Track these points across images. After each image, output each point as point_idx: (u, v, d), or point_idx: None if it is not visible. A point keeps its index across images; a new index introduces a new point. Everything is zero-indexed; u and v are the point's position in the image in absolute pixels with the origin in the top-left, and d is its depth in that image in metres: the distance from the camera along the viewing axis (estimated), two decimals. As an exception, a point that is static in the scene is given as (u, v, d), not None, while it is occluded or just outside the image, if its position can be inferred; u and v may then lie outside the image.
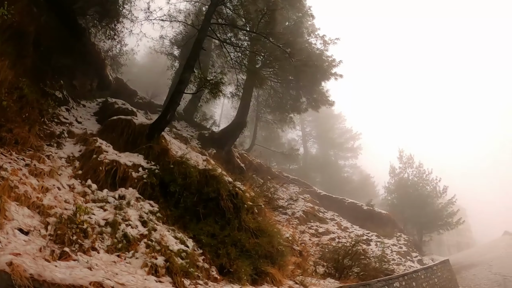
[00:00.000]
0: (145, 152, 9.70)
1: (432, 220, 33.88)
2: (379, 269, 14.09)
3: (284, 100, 24.23)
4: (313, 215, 20.33)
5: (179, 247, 7.19)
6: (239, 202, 9.16)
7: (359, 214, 25.90)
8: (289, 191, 22.25)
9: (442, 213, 34.17)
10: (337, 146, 48.14)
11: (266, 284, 7.70)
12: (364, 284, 9.84)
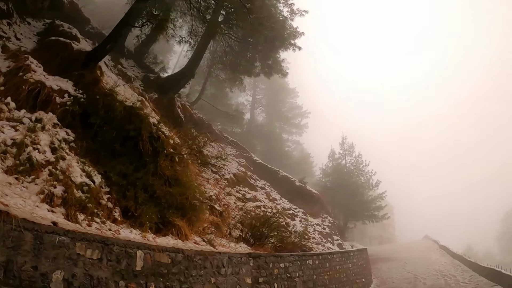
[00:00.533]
0: (76, 79, 9.15)
1: (360, 209, 35.82)
2: (297, 245, 14.49)
3: (238, 60, 23.86)
4: (244, 180, 20.36)
5: (83, 180, 6.83)
6: (160, 147, 8.85)
7: (290, 188, 26.38)
8: (225, 151, 22.10)
9: (371, 205, 36.21)
10: (284, 120, 48.78)
11: (171, 236, 7.58)
12: (276, 255, 10.05)
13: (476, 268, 20.20)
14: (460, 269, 22.32)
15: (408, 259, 29.90)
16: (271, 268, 9.48)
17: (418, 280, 19.95)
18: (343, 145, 38.78)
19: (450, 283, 17.56)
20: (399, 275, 22.47)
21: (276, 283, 9.52)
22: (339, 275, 14.40)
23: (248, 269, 8.58)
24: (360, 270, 17.92)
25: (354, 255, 17.66)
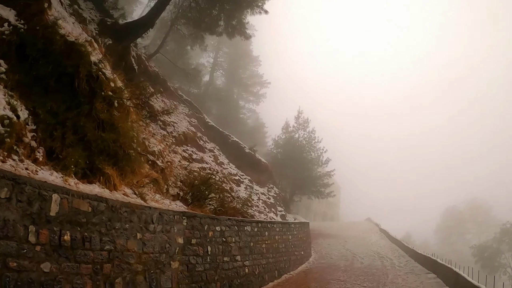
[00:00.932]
0: (20, 9, 8.25)
1: (307, 184, 36.83)
2: (239, 210, 14.37)
3: (202, 17, 23.19)
4: (193, 140, 20.02)
5: (6, 113, 6.22)
6: (98, 87, 8.27)
7: (240, 155, 26.28)
8: (178, 109, 21.61)
9: (318, 181, 37.20)
10: (243, 87, 48.83)
11: (98, 184, 7.13)
12: (212, 218, 9.85)
13: (412, 255, 21.24)
14: (397, 253, 23.35)
15: (348, 238, 31.10)
16: (206, 230, 9.29)
17: (356, 259, 20.66)
18: (298, 119, 39.31)
19: (386, 265, 18.28)
20: (338, 252, 23.27)
21: (210, 246, 9.36)
22: (277, 245, 14.53)
23: (180, 228, 8.34)
24: (300, 243, 18.24)
25: (295, 228, 17.93)
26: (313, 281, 13.56)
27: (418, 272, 16.23)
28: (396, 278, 14.46)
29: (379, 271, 16.41)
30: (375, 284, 13.05)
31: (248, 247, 11.68)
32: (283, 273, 14.69)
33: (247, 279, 11.21)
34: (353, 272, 16.01)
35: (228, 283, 10.05)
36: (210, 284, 9.18)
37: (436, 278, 14.50)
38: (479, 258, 46.51)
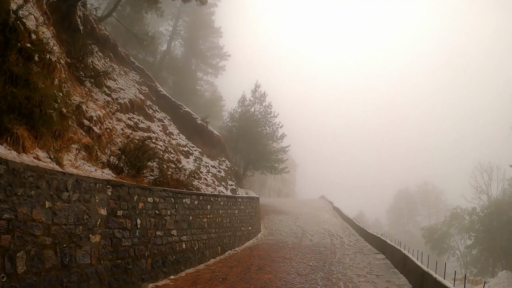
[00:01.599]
0: None
1: (261, 159, 36.42)
2: (183, 182, 13.78)
3: None
4: (141, 108, 19.09)
5: None
6: (14, 39, 7.33)
7: (191, 126, 25.57)
8: (128, 76, 20.54)
9: (272, 156, 36.86)
10: (202, 58, 47.67)
11: (5, 145, 6.29)
12: (144, 187, 9.13)
13: (363, 234, 21.34)
14: (348, 232, 23.47)
15: (301, 215, 31.42)
16: (135, 201, 8.58)
17: (306, 236, 20.57)
18: (255, 92, 38.58)
19: (336, 244, 18.21)
20: (289, 229, 23.22)
21: (140, 218, 8.68)
22: (221, 220, 14.05)
23: (104, 198, 7.59)
24: (247, 218, 17.85)
25: (243, 202, 17.49)
26: (257, 258, 13.14)
27: (367, 252, 16.19)
28: (343, 258, 14.33)
29: (327, 249, 16.31)
30: (321, 263, 12.80)
31: (187, 221, 11.10)
32: (227, 249, 14.33)
33: (184, 255, 10.67)
34: (300, 250, 15.83)
35: (162, 259, 9.47)
36: (139, 260, 8.58)
37: (385, 259, 14.42)
38: (429, 239, 48.04)
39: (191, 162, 20.08)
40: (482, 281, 33.85)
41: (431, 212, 79.81)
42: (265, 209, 32.90)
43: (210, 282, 9.31)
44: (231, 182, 25.65)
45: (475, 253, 44.85)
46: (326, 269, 11.72)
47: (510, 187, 46.22)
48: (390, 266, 12.97)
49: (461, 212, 47.13)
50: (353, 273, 11.50)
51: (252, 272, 10.69)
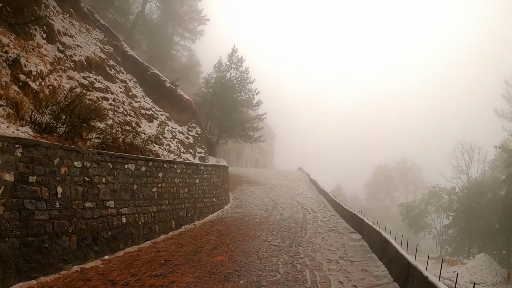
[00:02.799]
0: None
1: (235, 127, 35.04)
2: (137, 147, 12.31)
3: None
4: (100, 68, 17.49)
5: None
6: None
7: (159, 89, 23.92)
8: (90, 34, 18.79)
9: (247, 124, 35.48)
10: (179, 21, 45.44)
11: None
12: (68, 149, 7.47)
13: (338, 209, 20.00)
14: (323, 206, 22.28)
15: (275, 186, 30.35)
16: (56, 166, 6.99)
17: (277, 209, 19.36)
18: (231, 57, 36.75)
19: (308, 219, 16.93)
20: (260, 201, 22.06)
21: (61, 186, 7.10)
22: (177, 190, 12.54)
23: (10, 160, 6.00)
24: (212, 189, 16.42)
25: (206, 171, 15.95)
26: (216, 235, 11.71)
27: (341, 231, 14.74)
28: (314, 237, 12.89)
29: (297, 225, 14.95)
30: (288, 242, 11.40)
31: (129, 190, 9.55)
32: (184, 223, 12.92)
33: (124, 231, 9.17)
34: (267, 225, 14.44)
35: (92, 236, 7.97)
36: (60, 237, 7.08)
37: (361, 241, 12.99)
38: (406, 216, 47.94)
39: (154, 126, 18.52)
40: (458, 262, 33.80)
41: (409, 189, 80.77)
42: (238, 179, 32.02)
43: (148, 265, 7.87)
44: (201, 149, 24.09)
45: (451, 233, 44.83)
46: (292, 251, 10.30)
47: (490, 170, 45.97)
48: (367, 250, 11.42)
49: (439, 191, 47.06)
50: (324, 257, 10.00)
51: (204, 253, 9.25)
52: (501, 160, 42.75)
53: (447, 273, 30.50)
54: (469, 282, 27.35)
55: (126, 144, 11.90)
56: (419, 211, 47.76)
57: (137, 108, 17.99)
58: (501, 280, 27.94)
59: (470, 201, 40.13)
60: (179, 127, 22.91)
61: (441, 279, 22.66)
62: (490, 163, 46.12)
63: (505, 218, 30.00)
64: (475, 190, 40.53)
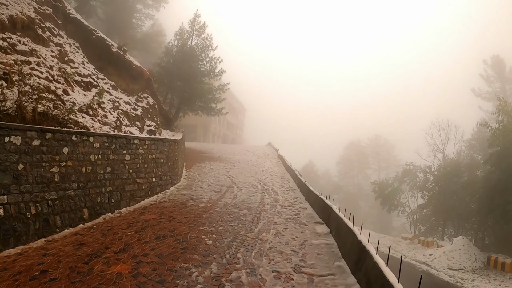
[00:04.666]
0: None
1: (195, 98, 32.95)
2: (55, 118, 9.99)
3: None
4: (28, 29, 15.44)
5: None
6: None
7: (104, 54, 21.75)
8: None
9: (208, 95, 33.40)
10: None
11: None
12: None
13: (304, 190, 17.62)
14: (287, 186, 20.13)
15: (239, 163, 28.54)
16: None
17: (232, 190, 17.33)
18: (193, 23, 34.22)
19: (265, 203, 14.71)
20: (215, 180, 20.02)
21: None
22: (93, 169, 10.05)
23: None
24: (150, 167, 14.05)
25: (142, 145, 13.42)
26: (136, 229, 9.11)
27: (304, 220, 12.19)
28: (267, 230, 10.28)
29: (250, 212, 12.55)
30: (228, 240, 8.80)
31: (11, 171, 7.07)
32: (105, 212, 10.45)
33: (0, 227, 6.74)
34: (212, 213, 11.88)
35: None
36: None
37: (328, 237, 10.21)
38: (379, 194, 46.97)
39: (91, 95, 16.16)
40: (434, 243, 33.00)
41: (382, 166, 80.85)
42: (200, 156, 30.08)
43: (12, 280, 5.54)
44: (151, 122, 21.63)
45: (426, 212, 44.01)
46: (228, 257, 7.57)
47: (467, 149, 45.51)
48: (335, 254, 8.55)
49: (414, 169, 46.10)
50: (271, 267, 7.16)
51: (103, 258, 6.78)
52: (477, 139, 42.89)
53: (423, 256, 29.69)
54: (448, 268, 26.35)
55: (38, 113, 9.53)
56: (392, 190, 46.81)
57: (70, 75, 15.68)
58: (480, 265, 26.83)
59: (446, 181, 39.06)
60: (125, 97, 20.61)
61: (418, 263, 20.88)
62: (466, 143, 45.56)
63: (485, 199, 28.99)
64: (452, 170, 39.55)
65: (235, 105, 75.52)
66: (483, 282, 22.72)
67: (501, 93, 38.70)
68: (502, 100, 28.47)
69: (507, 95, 37.50)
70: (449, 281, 23.51)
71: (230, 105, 69.37)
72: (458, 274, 24.76)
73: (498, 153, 28.06)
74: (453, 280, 23.49)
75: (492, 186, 28.42)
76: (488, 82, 51.57)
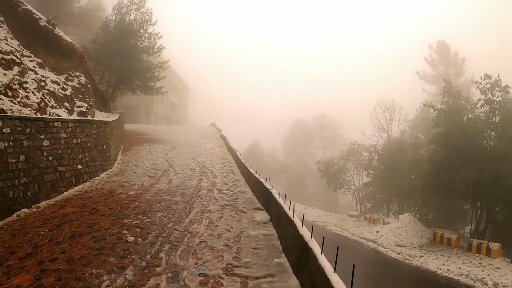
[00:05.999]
0: None
1: (133, 76, 31.62)
2: None
3: None
4: None
5: None
6: None
7: (32, 29, 20.33)
8: None
9: (147, 74, 32.20)
10: None
11: None
12: None
13: (245, 173, 17.15)
14: (228, 168, 19.69)
15: (180, 144, 28.00)
16: None
17: (168, 173, 16.84)
18: (134, -5, 32.62)
19: (202, 188, 14.19)
20: (152, 163, 19.28)
21: None
22: (4, 159, 8.88)
23: None
24: (75, 152, 13.05)
25: (65, 128, 12.23)
26: (51, 226, 8.18)
27: (242, 207, 11.64)
28: (199, 220, 9.59)
29: (183, 199, 11.84)
30: (153, 236, 7.95)
31: None
32: (20, 208, 9.43)
33: None
34: (140, 202, 11.05)
35: None
36: None
37: (268, 225, 9.56)
38: (325, 173, 47.64)
39: (10, 73, 14.77)
40: (380, 220, 33.77)
41: (327, 145, 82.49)
42: (140, 138, 29.22)
43: None
44: (82, 103, 20.45)
45: (371, 190, 45.09)
46: (147, 260, 6.56)
47: (411, 129, 47.00)
48: (275, 248, 7.78)
49: (358, 148, 46.90)
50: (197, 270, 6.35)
51: (3, 268, 5.80)
52: (421, 120, 44.48)
53: (370, 234, 30.23)
54: (395, 245, 26.89)
55: None
56: (338, 168, 47.85)
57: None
58: (427, 241, 27.68)
59: (391, 159, 40.00)
60: (54, 76, 19.35)
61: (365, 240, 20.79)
62: (410, 123, 46.93)
63: (430, 177, 29.89)
64: (396, 149, 40.60)
65: (178, 85, 73.75)
66: (430, 258, 23.20)
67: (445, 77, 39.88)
68: (447, 82, 29.47)
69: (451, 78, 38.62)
70: (397, 258, 23.86)
71: (173, 85, 67.65)
72: (406, 251, 25.19)
73: (442, 133, 28.88)
74: (401, 257, 23.86)
75: (437, 165, 29.22)
76: (432, 66, 53.60)
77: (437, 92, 41.82)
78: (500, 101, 26.71)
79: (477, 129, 27.20)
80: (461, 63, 51.39)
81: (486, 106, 27.12)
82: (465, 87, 42.38)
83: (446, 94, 29.10)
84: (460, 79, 49.48)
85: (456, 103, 28.54)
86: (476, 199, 26.83)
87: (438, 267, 21.08)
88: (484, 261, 21.44)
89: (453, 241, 26.37)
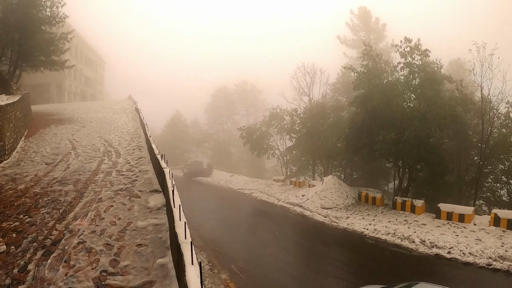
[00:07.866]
0: None
1: (33, 50, 29.45)
2: None
3: None
4: None
5: None
6: None
7: None
8: None
9: (50, 46, 30.38)
10: None
11: None
12: None
13: (150, 149, 16.54)
14: (136, 143, 19.47)
15: (90, 122, 27.23)
16: None
17: (67, 158, 16.46)
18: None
19: (101, 170, 14.01)
20: (54, 147, 18.51)
21: None
22: None
23: None
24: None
25: None
26: None
27: (138, 190, 11.40)
28: (84, 213, 9.15)
29: (76, 188, 11.48)
30: (27, 242, 7.39)
31: None
32: None
33: None
34: (27, 197, 10.59)
35: None
36: None
37: (160, 213, 9.15)
38: (248, 139, 47.52)
39: None
40: (305, 183, 34.18)
41: (250, 111, 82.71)
42: (48, 119, 27.88)
43: None
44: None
45: (295, 153, 45.69)
46: (13, 275, 6.10)
47: (332, 92, 47.18)
48: (163, 244, 7.41)
49: (280, 113, 46.96)
50: (67, 284, 5.88)
51: None
52: (342, 83, 44.79)
53: (296, 198, 30.41)
54: (321, 207, 27.17)
55: None
56: (260, 134, 47.74)
57: None
58: (352, 201, 28.25)
59: (313, 122, 40.50)
60: None
61: (291, 205, 20.61)
62: (331, 86, 47.16)
63: (352, 138, 30.53)
64: (318, 112, 41.00)
65: (91, 57, 69.97)
66: (357, 218, 23.42)
67: (366, 41, 40.59)
68: (367, 45, 29.81)
69: (371, 43, 39.32)
70: (324, 221, 23.90)
71: (86, 57, 64.44)
72: (332, 213, 25.44)
73: (363, 95, 29.24)
74: (327, 220, 23.99)
75: (358, 127, 29.70)
76: (353, 31, 54.48)
77: (358, 56, 42.35)
78: (419, 64, 27.34)
79: (397, 91, 27.76)
80: (381, 29, 52.93)
81: (406, 69, 27.55)
82: (386, 51, 43.26)
83: (366, 57, 29.25)
84: (381, 44, 50.84)
85: (376, 66, 28.88)
86: (398, 158, 27.63)
87: (365, 227, 21.20)
88: (410, 218, 22.19)
89: (378, 199, 27.17)
